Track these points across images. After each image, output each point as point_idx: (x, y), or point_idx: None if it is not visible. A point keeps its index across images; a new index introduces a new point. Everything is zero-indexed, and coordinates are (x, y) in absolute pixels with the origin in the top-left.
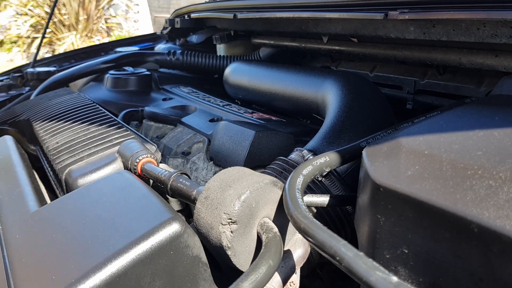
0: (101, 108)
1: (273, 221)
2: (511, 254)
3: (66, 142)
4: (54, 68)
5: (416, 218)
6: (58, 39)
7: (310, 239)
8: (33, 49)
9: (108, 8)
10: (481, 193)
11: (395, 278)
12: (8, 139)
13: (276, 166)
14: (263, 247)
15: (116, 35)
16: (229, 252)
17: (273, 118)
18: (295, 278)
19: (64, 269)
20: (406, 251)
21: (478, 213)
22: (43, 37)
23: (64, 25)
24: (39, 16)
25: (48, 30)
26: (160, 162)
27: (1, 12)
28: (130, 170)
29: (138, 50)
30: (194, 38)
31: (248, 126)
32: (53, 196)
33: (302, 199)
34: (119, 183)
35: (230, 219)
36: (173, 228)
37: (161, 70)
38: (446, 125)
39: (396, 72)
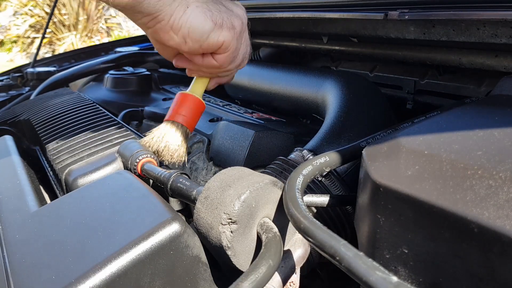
0: (101, 108)
1: (273, 221)
2: (511, 254)
3: (66, 142)
4: (54, 68)
5: (416, 218)
6: (58, 39)
7: (310, 239)
8: (33, 49)
9: (108, 8)
10: (481, 193)
11: (395, 278)
12: (8, 139)
13: (276, 166)
14: (263, 247)
15: (116, 35)
16: (229, 252)
17: (273, 118)
18: (295, 278)
19: (64, 269)
20: (406, 251)
21: (478, 213)
22: (43, 37)
23: (64, 25)
24: (39, 16)
25: (48, 30)
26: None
27: (1, 12)
28: (130, 170)
29: (138, 50)
30: None
31: (248, 126)
32: (53, 196)
33: (302, 199)
34: (119, 183)
35: (230, 219)
36: (173, 228)
37: (161, 70)
38: (446, 125)
39: (396, 72)
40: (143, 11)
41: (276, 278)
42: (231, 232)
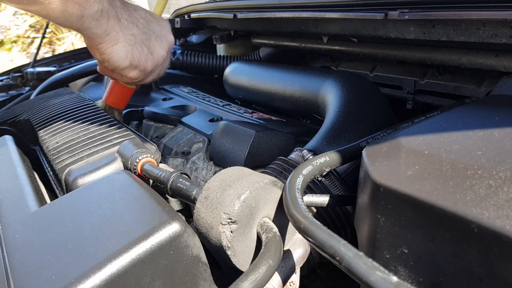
0: (101, 108)
1: (273, 221)
2: (511, 254)
3: (66, 142)
4: (54, 68)
5: (416, 218)
6: (58, 39)
7: (310, 239)
8: (33, 49)
9: None
10: (481, 193)
11: (395, 278)
12: (8, 139)
13: (276, 166)
14: (263, 247)
15: None
16: (229, 252)
17: (273, 118)
18: (295, 278)
19: (64, 269)
20: (406, 251)
21: (478, 213)
22: (43, 37)
23: None
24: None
25: (48, 30)
26: (160, 162)
27: (1, 12)
28: (130, 170)
29: None
30: (194, 38)
31: (248, 126)
32: (53, 196)
33: (302, 199)
34: (118, 183)
35: (230, 219)
36: (173, 228)
37: None
38: (446, 125)
39: (396, 72)
40: (82, 34)
41: (276, 278)
42: (231, 232)
